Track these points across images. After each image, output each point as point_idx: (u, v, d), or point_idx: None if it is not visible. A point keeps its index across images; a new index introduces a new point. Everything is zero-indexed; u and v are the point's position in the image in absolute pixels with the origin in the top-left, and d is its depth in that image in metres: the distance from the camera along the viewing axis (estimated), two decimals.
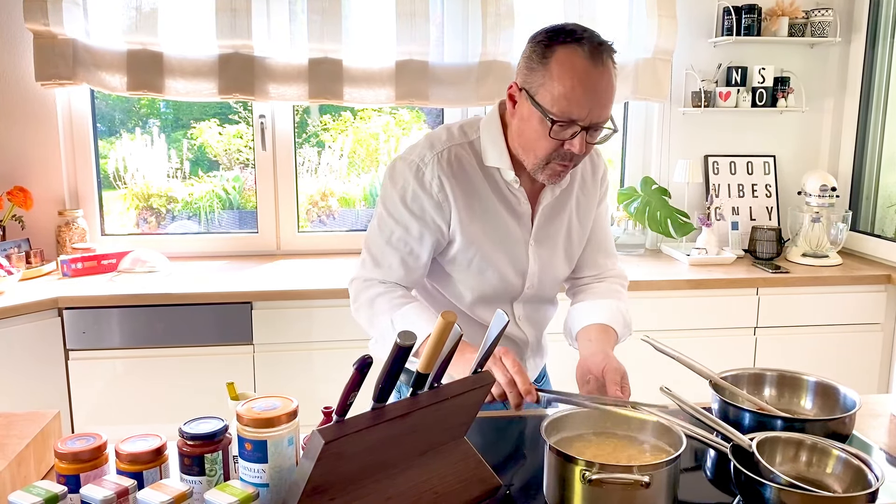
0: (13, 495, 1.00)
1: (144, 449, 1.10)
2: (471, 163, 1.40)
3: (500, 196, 1.41)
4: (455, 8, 2.95)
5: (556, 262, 1.51)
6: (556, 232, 1.48)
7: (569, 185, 1.48)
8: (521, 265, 1.46)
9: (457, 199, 1.38)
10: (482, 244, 1.42)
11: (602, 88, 1.27)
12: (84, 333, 2.51)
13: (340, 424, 0.96)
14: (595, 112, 1.27)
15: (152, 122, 3.17)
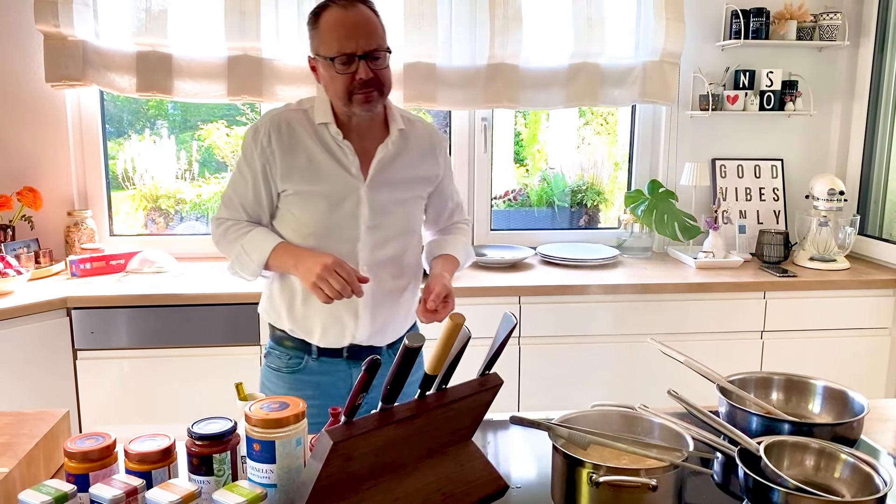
0: (23, 494, 1.00)
1: (153, 449, 1.10)
2: (301, 123, 1.67)
3: (327, 149, 1.65)
4: (463, 10, 2.95)
5: (393, 211, 1.69)
6: (393, 185, 1.69)
7: (404, 148, 1.72)
8: (353, 208, 1.66)
9: (284, 151, 1.64)
10: (305, 189, 1.66)
11: (360, 22, 1.56)
12: (92, 333, 2.52)
13: (349, 425, 0.96)
14: (362, 42, 1.54)
15: (160, 124, 3.18)
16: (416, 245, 1.78)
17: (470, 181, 3.18)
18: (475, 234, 3.21)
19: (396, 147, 1.69)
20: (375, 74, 1.56)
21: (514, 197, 3.41)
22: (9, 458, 1.12)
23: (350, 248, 1.66)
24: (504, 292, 2.67)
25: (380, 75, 1.58)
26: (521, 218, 3.43)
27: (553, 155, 3.50)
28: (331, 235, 1.65)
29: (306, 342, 1.70)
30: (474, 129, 3.15)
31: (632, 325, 2.69)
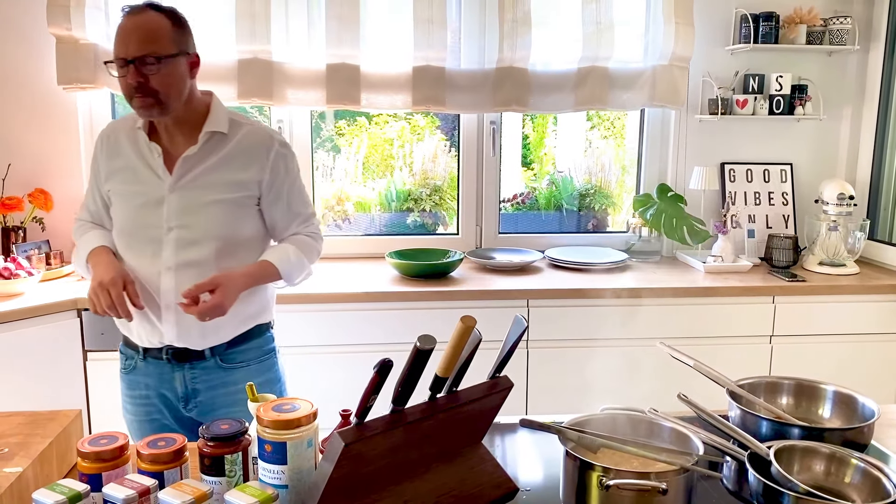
0: (37, 493, 1.01)
1: (165, 449, 1.11)
2: (126, 129, 1.77)
3: (138, 152, 1.74)
4: (472, 14, 2.96)
5: (202, 214, 1.71)
6: (203, 188, 1.71)
7: (219, 151, 1.72)
8: (157, 209, 1.71)
9: (107, 156, 1.78)
10: (120, 190, 1.75)
11: (135, 27, 1.61)
12: (102, 335, 2.54)
13: (360, 427, 0.97)
14: (132, 47, 1.59)
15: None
16: (240, 250, 1.76)
17: (478, 184, 3.19)
18: (483, 237, 3.22)
19: (207, 150, 1.71)
20: (147, 80, 1.60)
21: (523, 200, 3.41)
22: (22, 458, 1.13)
23: (155, 249, 1.71)
24: (512, 296, 2.67)
25: (152, 81, 1.61)
26: (529, 221, 3.43)
27: (561, 158, 3.50)
28: (137, 235, 1.72)
29: (136, 344, 1.79)
30: (483, 132, 3.15)
31: (640, 329, 2.69)
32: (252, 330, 1.84)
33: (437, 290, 2.65)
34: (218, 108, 1.77)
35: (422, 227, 3.35)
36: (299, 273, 1.83)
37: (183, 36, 1.69)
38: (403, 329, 2.64)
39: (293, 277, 1.82)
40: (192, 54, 1.72)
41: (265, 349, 1.89)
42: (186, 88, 1.70)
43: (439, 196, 3.34)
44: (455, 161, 3.25)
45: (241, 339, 1.82)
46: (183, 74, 1.68)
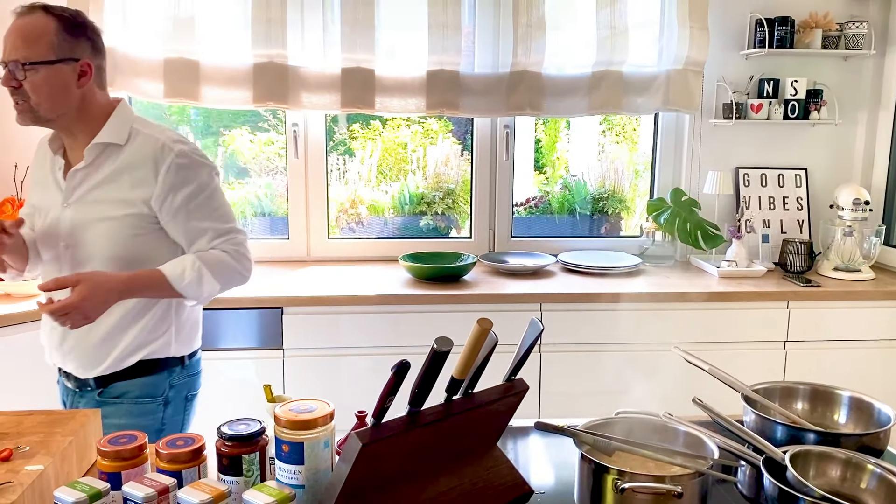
0: (59, 491, 1.03)
1: (184, 448, 1.12)
2: (44, 144, 1.74)
3: (49, 165, 1.70)
4: (486, 18, 2.97)
5: (94, 232, 1.63)
6: (94, 204, 1.63)
7: (109, 165, 1.63)
8: (54, 224, 1.66)
9: (32, 168, 1.77)
10: (34, 202, 1.73)
11: (12, 31, 1.55)
12: None
13: (377, 428, 0.98)
14: (7, 50, 1.55)
15: (183, 130, 3.21)
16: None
17: (491, 188, 3.20)
18: (496, 240, 3.22)
19: (99, 163, 1.62)
20: (20, 85, 1.55)
21: (536, 204, 3.41)
22: (43, 456, 1.14)
23: (56, 266, 1.66)
24: (525, 299, 2.68)
25: (25, 87, 1.55)
26: (542, 225, 3.43)
27: (573, 163, 3.50)
28: (45, 250, 1.68)
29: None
30: (496, 136, 3.16)
31: (654, 334, 2.68)
32: (144, 364, 1.68)
33: (450, 294, 2.65)
34: (118, 116, 1.66)
35: (435, 230, 3.36)
36: (198, 290, 1.64)
37: (72, 42, 1.58)
38: (416, 332, 2.64)
39: (191, 292, 1.63)
40: (80, 62, 1.59)
41: (153, 392, 1.71)
42: (70, 97, 1.59)
43: (452, 199, 3.35)
44: (468, 165, 3.26)
45: (129, 372, 1.68)
46: (64, 82, 1.57)
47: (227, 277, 1.68)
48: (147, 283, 1.61)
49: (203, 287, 1.64)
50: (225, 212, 1.71)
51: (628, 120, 3.43)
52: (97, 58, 1.65)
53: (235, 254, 1.69)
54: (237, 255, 1.70)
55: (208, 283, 1.64)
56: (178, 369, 1.75)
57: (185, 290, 1.62)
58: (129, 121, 1.67)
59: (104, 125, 1.63)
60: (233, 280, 1.70)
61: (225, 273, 1.67)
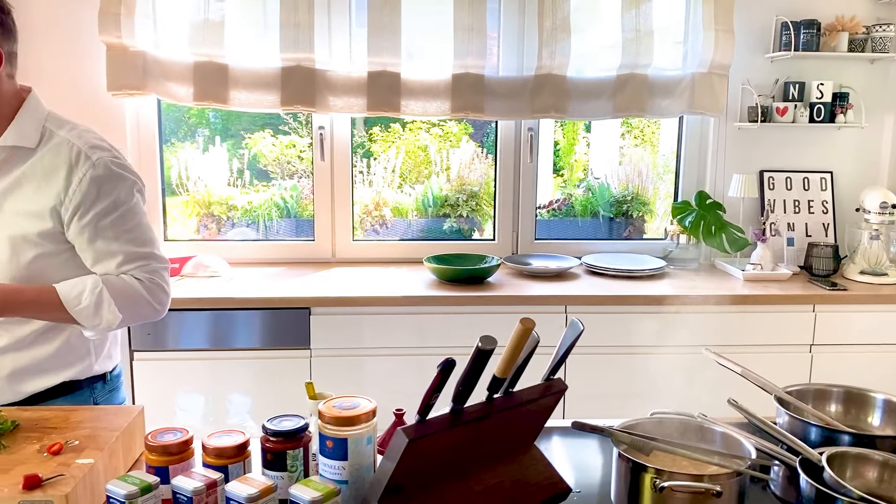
0: (110, 484, 1.05)
1: (229, 444, 1.15)
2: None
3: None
4: (511, 22, 2.99)
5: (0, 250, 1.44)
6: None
7: (14, 169, 1.44)
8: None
9: None
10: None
11: None
12: (149, 335, 2.60)
13: (422, 425, 1.00)
14: None
15: (200, 132, 3.25)
16: None
17: (515, 190, 3.21)
18: (519, 242, 3.24)
19: (8, 168, 1.44)
20: None
21: (559, 207, 3.42)
22: (92, 450, 1.17)
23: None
24: (551, 301, 2.69)
25: None
26: (565, 228, 3.44)
27: (594, 165, 3.51)
28: None
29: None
30: (520, 139, 3.18)
31: (680, 337, 2.68)
32: (65, 385, 1.54)
33: (475, 295, 2.67)
34: (28, 113, 1.46)
35: (458, 232, 3.38)
36: (95, 318, 1.42)
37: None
38: (442, 333, 2.66)
39: (87, 319, 1.42)
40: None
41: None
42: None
43: (475, 202, 3.37)
44: (490, 167, 3.27)
45: (49, 394, 1.52)
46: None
47: (133, 309, 1.47)
48: (34, 298, 1.40)
49: (101, 315, 1.42)
50: (141, 234, 1.50)
51: (647, 122, 3.43)
52: (7, 41, 1.43)
53: (149, 282, 1.49)
54: (150, 285, 1.49)
55: (108, 312, 1.42)
56: (99, 385, 1.61)
57: (78, 314, 1.41)
58: (41, 118, 1.47)
59: (16, 124, 1.44)
60: (141, 313, 1.49)
61: (132, 303, 1.46)
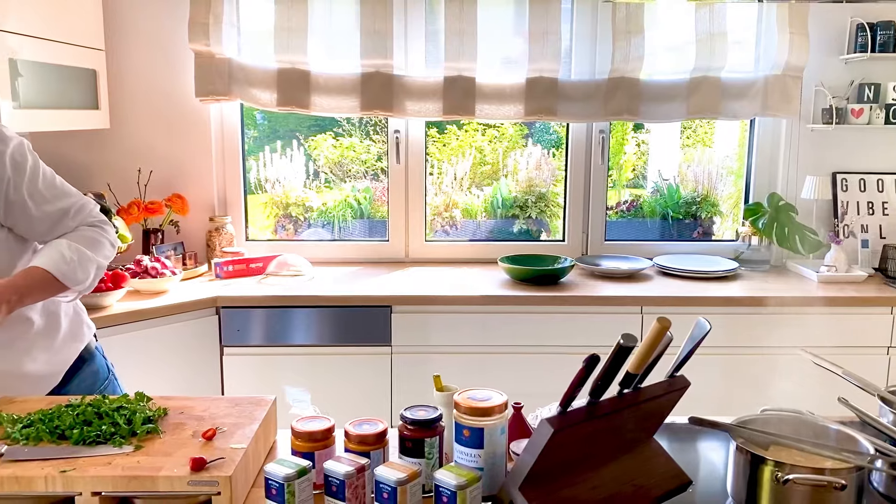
0: (269, 466, 1.14)
1: (371, 432, 1.23)
2: None
3: None
4: (584, 25, 3.04)
5: None
6: None
7: None
8: None
9: None
10: None
11: None
12: (238, 331, 2.71)
13: (565, 416, 1.06)
14: None
15: (249, 133, 3.33)
16: None
17: (585, 192, 3.26)
18: (589, 243, 3.28)
19: None
20: None
21: (627, 208, 3.46)
22: (240, 437, 1.26)
23: None
24: (626, 302, 2.73)
25: None
26: (634, 229, 3.48)
27: (660, 166, 3.52)
28: None
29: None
30: (591, 141, 3.22)
31: (755, 338, 2.70)
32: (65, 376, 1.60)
33: (551, 295, 2.72)
34: None
35: (526, 233, 3.44)
36: (84, 271, 1.47)
37: None
38: (518, 332, 2.72)
39: (77, 277, 1.46)
40: None
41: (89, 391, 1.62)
42: None
43: (544, 203, 3.42)
44: (559, 169, 3.33)
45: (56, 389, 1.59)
46: None
47: (102, 253, 1.53)
48: (32, 284, 1.41)
49: (87, 268, 1.47)
50: (67, 187, 1.55)
51: (700, 122, 3.43)
52: None
53: (99, 225, 1.56)
54: (101, 227, 1.56)
55: (91, 261, 1.49)
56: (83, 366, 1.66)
57: (68, 276, 1.44)
58: None
59: None
60: (106, 255, 1.55)
61: (99, 247, 1.53)
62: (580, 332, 2.72)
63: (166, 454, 1.19)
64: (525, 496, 1.08)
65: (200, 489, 1.13)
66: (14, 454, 1.19)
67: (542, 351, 2.73)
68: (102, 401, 1.35)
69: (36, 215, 1.47)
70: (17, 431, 1.25)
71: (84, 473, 1.13)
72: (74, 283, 1.46)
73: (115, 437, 1.23)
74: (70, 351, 1.61)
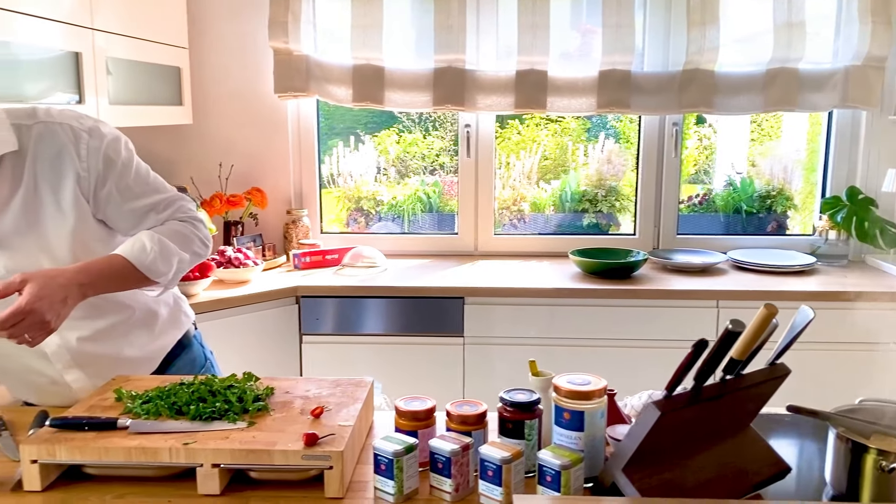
0: (378, 442, 1.19)
1: (471, 412, 1.27)
2: None
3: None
4: (657, 17, 3.02)
5: (36, 262, 1.40)
6: (26, 233, 1.40)
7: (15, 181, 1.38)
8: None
9: None
10: None
11: None
12: (317, 320, 2.79)
13: (671, 399, 1.08)
14: None
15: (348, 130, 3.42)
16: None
17: (657, 185, 3.24)
18: (661, 237, 3.27)
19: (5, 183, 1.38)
20: None
21: (700, 201, 3.43)
22: (346, 416, 1.31)
23: None
24: (701, 296, 2.71)
25: None
26: (707, 223, 3.44)
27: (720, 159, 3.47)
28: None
29: None
30: (664, 133, 3.20)
31: (838, 333, 2.65)
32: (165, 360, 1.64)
33: (625, 289, 2.72)
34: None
35: (596, 227, 3.43)
36: (166, 264, 1.45)
37: None
38: (590, 325, 2.74)
39: (159, 268, 1.44)
40: None
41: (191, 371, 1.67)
42: None
43: (614, 197, 3.42)
44: (626, 162, 3.32)
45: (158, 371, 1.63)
46: None
47: (189, 248, 1.52)
48: (105, 268, 1.39)
49: (170, 260, 1.46)
50: (159, 181, 1.55)
51: (766, 115, 3.36)
52: None
53: (190, 221, 1.54)
54: (193, 222, 1.55)
55: (174, 253, 1.47)
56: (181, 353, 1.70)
57: (149, 268, 1.43)
58: (4, 118, 1.38)
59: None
60: (195, 251, 1.53)
61: (187, 242, 1.51)
62: (654, 327, 2.72)
63: (279, 430, 1.26)
64: (629, 477, 1.11)
65: (314, 463, 1.18)
66: (139, 427, 1.27)
67: (615, 344, 2.73)
68: (213, 379, 1.42)
69: (123, 209, 1.49)
70: (137, 406, 1.33)
71: (205, 446, 1.20)
72: (156, 275, 1.45)
73: (228, 414, 1.30)
74: (168, 338, 1.67)
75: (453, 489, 1.18)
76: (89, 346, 1.51)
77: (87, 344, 1.50)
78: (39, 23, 2.11)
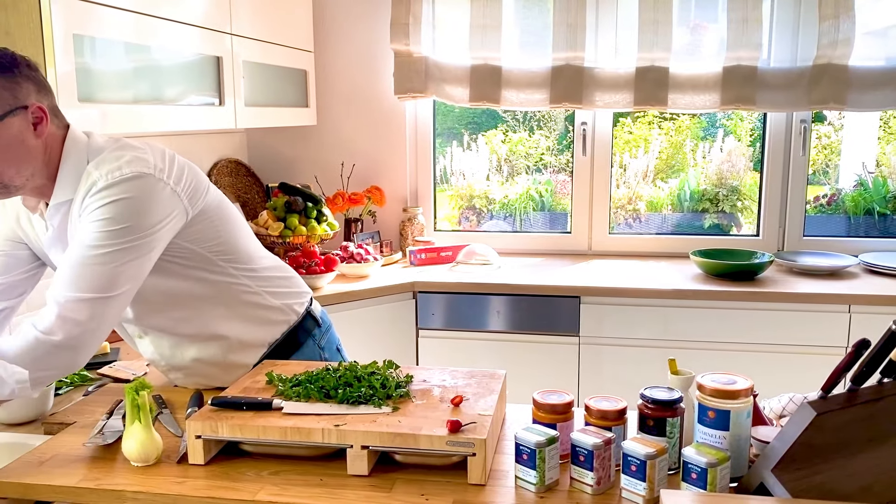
0: (520, 432, 1.22)
1: (611, 408, 1.27)
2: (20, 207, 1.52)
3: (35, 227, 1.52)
4: (786, 11, 2.92)
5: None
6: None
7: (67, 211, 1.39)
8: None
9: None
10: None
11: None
12: (433, 315, 2.86)
13: (827, 400, 1.06)
14: None
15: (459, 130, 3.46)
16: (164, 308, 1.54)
17: (783, 185, 3.12)
18: (786, 240, 3.15)
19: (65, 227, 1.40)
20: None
21: (828, 202, 3.28)
22: (484, 406, 1.35)
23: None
24: (831, 300, 2.59)
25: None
26: (835, 224, 3.28)
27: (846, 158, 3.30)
28: None
29: None
30: (791, 131, 3.08)
31: None
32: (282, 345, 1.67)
33: (750, 291, 2.64)
34: (68, 162, 1.36)
35: (716, 227, 3.34)
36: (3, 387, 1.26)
37: (12, 88, 1.27)
38: (711, 328, 2.67)
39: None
40: (30, 107, 1.29)
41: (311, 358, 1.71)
42: (32, 153, 1.32)
43: (737, 196, 3.32)
44: (753, 161, 3.21)
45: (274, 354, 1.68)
46: (20, 139, 1.29)
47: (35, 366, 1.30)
48: None
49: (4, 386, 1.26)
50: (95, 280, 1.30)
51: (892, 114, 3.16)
52: (46, 96, 1.35)
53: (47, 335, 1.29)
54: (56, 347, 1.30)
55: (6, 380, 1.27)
56: (316, 330, 1.72)
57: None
58: (82, 163, 1.36)
59: (60, 179, 1.36)
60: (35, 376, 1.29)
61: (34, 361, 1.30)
62: (781, 331, 2.62)
63: (422, 416, 1.30)
64: (778, 478, 1.09)
65: (457, 449, 1.22)
66: (292, 409, 1.34)
67: (740, 348, 2.65)
68: (356, 366, 1.49)
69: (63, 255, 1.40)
70: (288, 389, 1.41)
71: (355, 428, 1.26)
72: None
73: (373, 399, 1.36)
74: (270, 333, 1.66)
75: (595, 482, 1.19)
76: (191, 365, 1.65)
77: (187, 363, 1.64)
78: (182, 28, 2.25)
